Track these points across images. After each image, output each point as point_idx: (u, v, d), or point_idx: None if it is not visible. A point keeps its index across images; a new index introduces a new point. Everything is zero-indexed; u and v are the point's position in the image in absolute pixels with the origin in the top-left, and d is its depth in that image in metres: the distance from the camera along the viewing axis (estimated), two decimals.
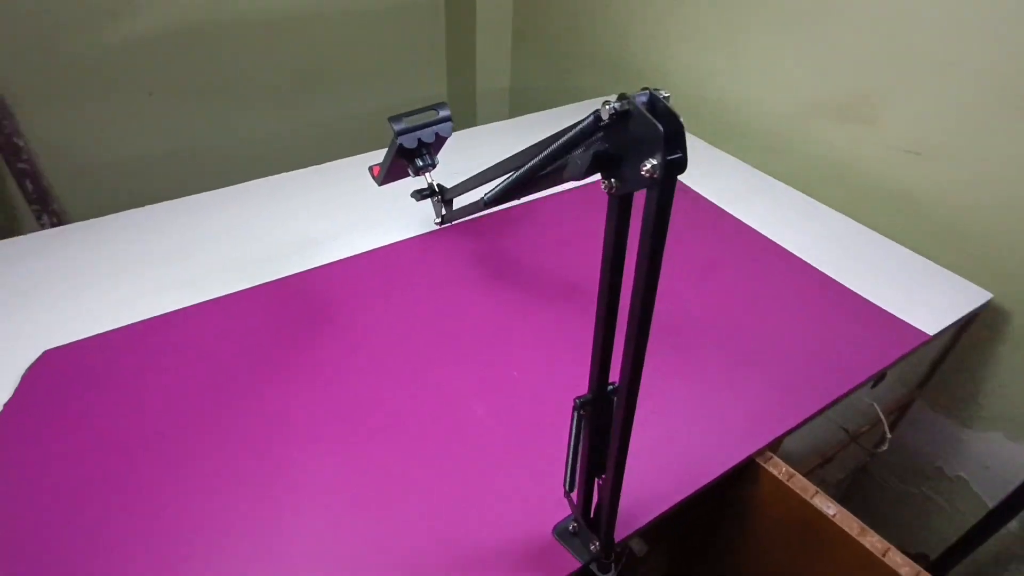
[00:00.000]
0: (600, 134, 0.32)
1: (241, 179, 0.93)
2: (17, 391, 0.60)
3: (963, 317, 0.74)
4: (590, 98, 1.24)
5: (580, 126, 0.33)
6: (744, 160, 1.04)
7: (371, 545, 0.49)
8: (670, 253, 0.30)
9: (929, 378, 0.91)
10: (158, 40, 1.18)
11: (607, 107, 0.29)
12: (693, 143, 1.08)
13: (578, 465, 0.44)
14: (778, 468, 0.58)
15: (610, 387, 0.41)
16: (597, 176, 0.34)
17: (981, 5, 0.72)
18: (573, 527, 0.49)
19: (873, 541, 0.53)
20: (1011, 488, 0.88)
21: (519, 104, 1.64)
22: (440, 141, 0.60)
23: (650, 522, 0.51)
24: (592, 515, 0.47)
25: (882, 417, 0.73)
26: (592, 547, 0.45)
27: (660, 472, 0.55)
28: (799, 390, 0.63)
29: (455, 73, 1.62)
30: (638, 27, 1.18)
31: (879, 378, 0.71)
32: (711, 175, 0.98)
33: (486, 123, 1.62)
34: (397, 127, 0.56)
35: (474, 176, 0.55)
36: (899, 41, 0.81)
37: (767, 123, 1.01)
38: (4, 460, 0.54)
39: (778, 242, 0.84)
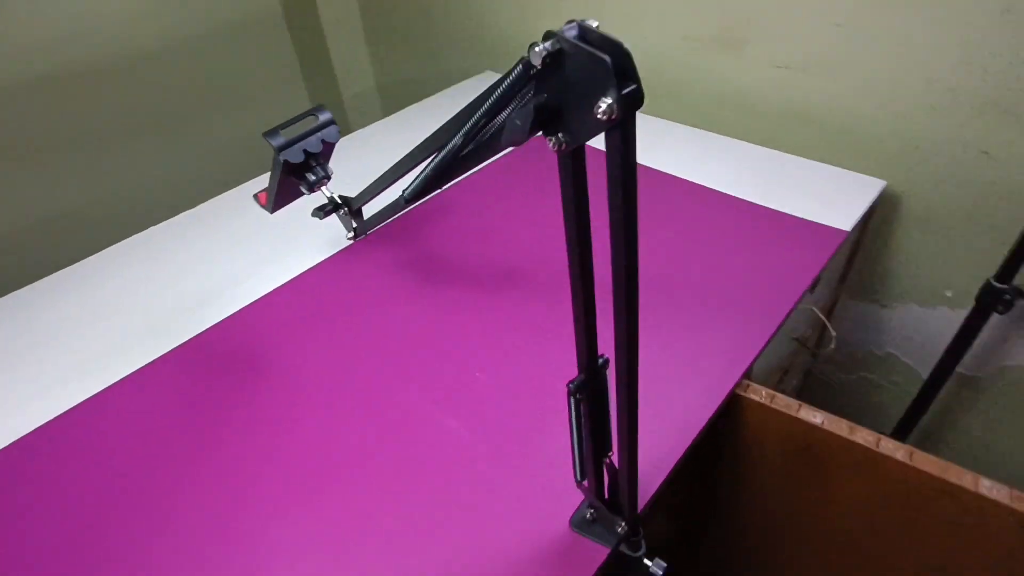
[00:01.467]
0: (532, 85, 0.28)
1: (123, 235, 0.82)
2: None
3: (869, 207, 0.78)
4: (461, 80, 1.20)
5: (506, 83, 0.29)
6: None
7: None
8: (593, 220, 0.28)
9: (847, 274, 0.97)
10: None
11: (537, 50, 0.25)
12: None
13: (585, 450, 0.41)
14: (758, 393, 0.58)
15: (601, 360, 0.38)
16: (509, 150, 0.30)
17: None
18: (591, 514, 0.46)
19: (865, 435, 0.54)
20: (932, 349, 0.96)
21: (391, 101, 1.57)
22: (328, 148, 0.53)
23: (659, 488, 0.50)
24: (607, 496, 0.44)
25: (824, 318, 0.76)
26: (619, 528, 0.43)
27: (650, 436, 0.54)
28: (753, 316, 0.64)
29: (314, 83, 1.52)
30: None
31: (815, 283, 0.73)
32: None
33: (361, 128, 1.54)
34: (276, 142, 0.49)
35: (381, 177, 0.49)
36: None
37: (646, 67, 1.02)
38: None
39: (693, 180, 0.85)
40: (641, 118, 1.00)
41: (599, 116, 0.24)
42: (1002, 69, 0.73)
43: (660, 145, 0.94)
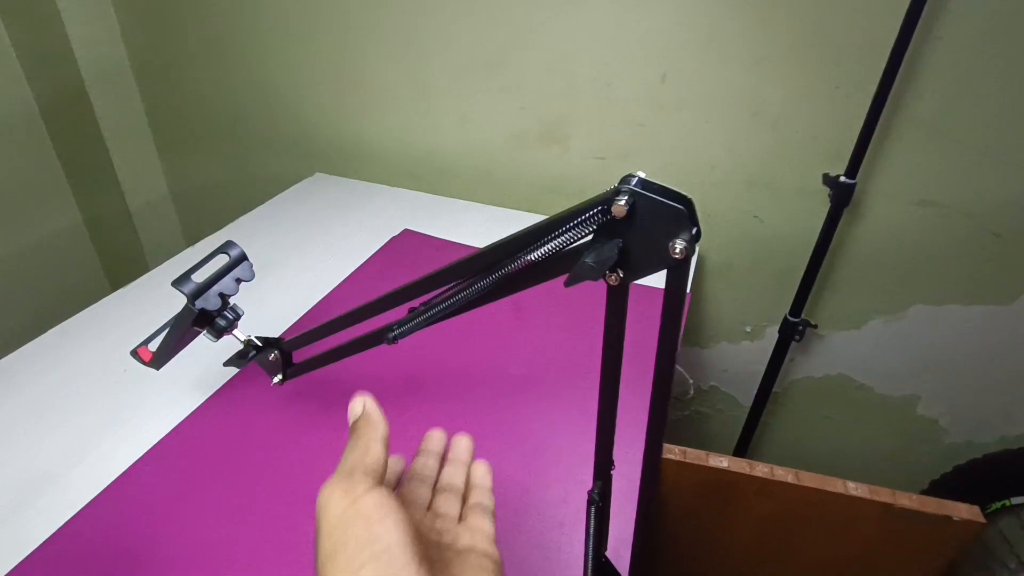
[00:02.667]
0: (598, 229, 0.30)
1: None
2: None
3: (694, 273, 0.94)
4: (283, 185, 1.14)
5: (580, 227, 0.30)
6: (472, 200, 1.11)
7: None
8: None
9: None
10: None
11: (622, 203, 0.27)
12: (419, 199, 1.11)
13: (593, 554, 0.41)
14: (672, 452, 0.64)
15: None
16: None
17: (618, 36, 0.92)
18: None
19: (761, 468, 0.63)
20: (744, 376, 1.16)
21: (191, 209, 1.42)
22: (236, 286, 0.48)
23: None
24: None
25: (683, 372, 0.88)
26: None
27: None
28: (647, 382, 0.71)
29: (89, 195, 1.31)
30: (316, 101, 1.15)
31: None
32: (455, 222, 1.02)
33: (156, 241, 1.36)
34: (187, 289, 0.42)
35: (334, 322, 0.45)
36: (567, 74, 0.97)
37: (479, 162, 1.10)
38: None
39: None
40: (480, 207, 1.07)
41: (675, 255, 0.27)
42: (755, 154, 0.96)
43: (503, 231, 1.00)
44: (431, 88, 1.05)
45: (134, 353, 0.50)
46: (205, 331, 0.47)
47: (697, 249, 1.00)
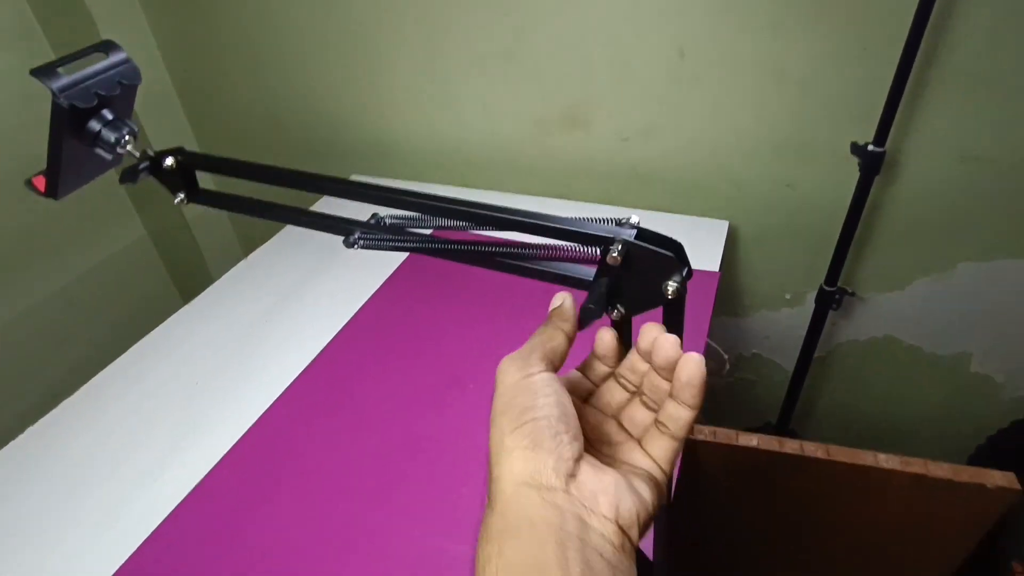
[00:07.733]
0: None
1: None
2: None
3: (724, 247, 0.94)
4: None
5: (577, 274, 0.33)
6: (501, 191, 1.13)
7: None
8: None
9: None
10: None
11: (616, 256, 0.30)
12: (448, 193, 1.14)
13: None
14: (702, 432, 0.67)
15: None
16: None
17: (632, 14, 0.91)
18: None
19: (791, 445, 0.65)
20: (785, 342, 1.16)
21: (243, 217, 1.50)
22: (127, 94, 0.41)
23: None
24: None
25: (717, 347, 0.89)
26: None
27: None
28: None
29: (150, 209, 1.41)
30: (349, 104, 1.19)
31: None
32: None
33: (215, 249, 1.45)
34: (55, 84, 0.36)
35: (251, 165, 0.40)
36: (584, 57, 0.97)
37: (504, 152, 1.12)
38: None
39: None
40: (509, 197, 1.09)
41: (669, 296, 0.30)
42: (782, 121, 0.94)
43: None
44: (451, 81, 1.07)
45: (28, 183, 0.42)
46: (100, 147, 0.40)
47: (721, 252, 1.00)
